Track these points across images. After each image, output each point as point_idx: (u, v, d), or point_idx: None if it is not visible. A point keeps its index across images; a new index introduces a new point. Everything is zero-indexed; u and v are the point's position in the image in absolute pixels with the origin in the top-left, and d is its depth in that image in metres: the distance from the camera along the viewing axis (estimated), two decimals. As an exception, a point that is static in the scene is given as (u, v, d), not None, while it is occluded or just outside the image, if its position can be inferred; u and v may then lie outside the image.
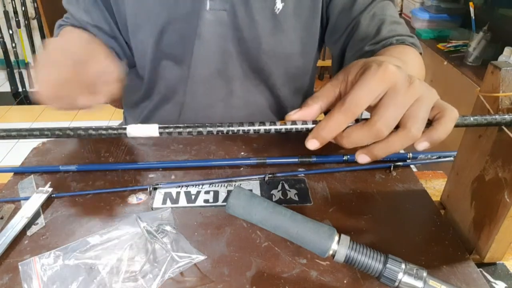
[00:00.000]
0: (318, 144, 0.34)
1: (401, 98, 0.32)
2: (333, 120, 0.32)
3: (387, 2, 0.65)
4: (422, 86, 0.33)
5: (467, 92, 1.52)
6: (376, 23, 0.63)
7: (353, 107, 0.32)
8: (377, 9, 0.64)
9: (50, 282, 0.38)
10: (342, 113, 0.32)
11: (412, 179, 0.55)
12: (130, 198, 0.51)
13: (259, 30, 0.64)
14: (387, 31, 0.61)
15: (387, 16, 0.63)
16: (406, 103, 0.32)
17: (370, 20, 0.63)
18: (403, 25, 0.65)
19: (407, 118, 0.32)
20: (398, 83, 0.32)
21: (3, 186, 0.53)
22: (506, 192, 0.39)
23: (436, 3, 1.92)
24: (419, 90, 0.32)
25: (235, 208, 0.37)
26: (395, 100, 0.32)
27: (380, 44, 0.61)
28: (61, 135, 0.36)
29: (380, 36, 0.61)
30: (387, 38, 0.61)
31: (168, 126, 0.35)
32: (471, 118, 0.36)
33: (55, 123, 2.39)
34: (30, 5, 2.67)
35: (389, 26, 0.62)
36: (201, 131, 0.35)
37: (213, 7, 0.62)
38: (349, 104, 0.32)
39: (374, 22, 0.63)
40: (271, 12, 0.63)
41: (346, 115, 0.32)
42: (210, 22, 0.63)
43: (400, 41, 0.60)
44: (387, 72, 0.32)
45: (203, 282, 0.40)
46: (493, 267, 0.44)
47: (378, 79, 0.32)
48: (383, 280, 0.34)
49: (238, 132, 0.35)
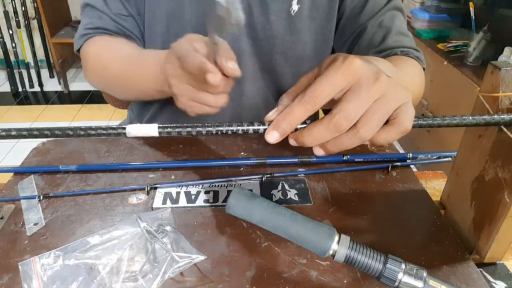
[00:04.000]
0: (278, 136, 0.33)
1: (364, 93, 0.31)
2: (293, 112, 0.32)
3: (397, 12, 0.64)
4: (389, 84, 0.32)
5: (467, 92, 1.52)
6: (383, 31, 0.62)
7: (313, 99, 0.31)
8: (385, 18, 0.63)
9: (50, 282, 0.38)
10: (301, 104, 0.32)
11: (412, 179, 0.55)
12: (130, 198, 0.51)
13: (273, 31, 0.64)
14: (392, 41, 0.61)
15: (395, 26, 0.63)
16: (369, 98, 0.32)
17: (377, 27, 0.63)
18: (410, 38, 0.64)
19: (361, 117, 0.32)
20: (363, 78, 0.32)
21: (3, 186, 0.53)
22: (506, 192, 0.39)
23: (436, 3, 1.92)
24: (385, 87, 0.32)
25: (235, 208, 0.37)
26: (357, 94, 0.31)
27: (384, 53, 0.60)
28: (60, 135, 0.36)
29: (384, 45, 0.61)
30: (392, 48, 0.60)
31: (167, 126, 0.35)
32: (470, 118, 0.36)
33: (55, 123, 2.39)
34: (30, 5, 2.67)
35: (395, 36, 0.62)
36: (200, 130, 0.35)
37: None
38: (309, 96, 0.32)
39: (380, 31, 0.62)
40: (286, 13, 0.63)
41: (306, 107, 0.32)
42: None
43: (404, 52, 0.60)
44: (352, 66, 0.31)
45: (203, 282, 0.40)
46: (493, 267, 0.44)
47: (341, 72, 0.31)
48: (383, 280, 0.34)
49: (238, 132, 0.35)
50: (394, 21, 0.63)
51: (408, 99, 0.33)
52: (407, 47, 0.61)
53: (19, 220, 0.47)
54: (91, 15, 0.65)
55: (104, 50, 0.63)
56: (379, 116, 0.32)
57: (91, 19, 0.64)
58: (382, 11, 0.63)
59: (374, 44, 0.62)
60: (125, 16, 0.64)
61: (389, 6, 0.64)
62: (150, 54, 0.56)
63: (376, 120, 0.32)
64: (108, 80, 0.64)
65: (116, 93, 0.70)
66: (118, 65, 0.60)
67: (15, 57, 2.75)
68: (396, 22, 0.63)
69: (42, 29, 2.71)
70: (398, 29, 0.63)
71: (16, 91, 2.77)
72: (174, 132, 0.35)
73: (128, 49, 0.62)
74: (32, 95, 2.80)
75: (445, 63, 1.68)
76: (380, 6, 0.64)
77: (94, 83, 0.69)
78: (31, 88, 2.84)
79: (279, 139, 0.34)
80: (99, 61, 0.63)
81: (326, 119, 0.32)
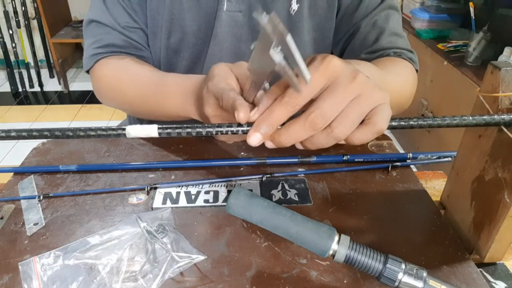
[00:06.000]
0: (261, 139, 0.33)
1: (341, 92, 0.32)
2: (273, 113, 0.32)
3: (392, 11, 0.64)
4: (366, 84, 0.32)
5: (467, 92, 1.52)
6: (376, 31, 0.62)
7: (293, 100, 0.32)
8: (379, 18, 0.63)
9: (50, 282, 0.38)
10: (282, 105, 0.32)
11: (412, 179, 0.55)
12: (130, 198, 0.51)
13: None
14: (386, 41, 0.61)
15: (389, 26, 0.62)
16: (345, 97, 0.32)
17: (370, 27, 0.62)
18: (404, 39, 0.64)
19: (337, 116, 0.32)
20: (340, 77, 0.32)
21: (3, 186, 0.53)
22: (506, 192, 0.39)
23: (436, 3, 1.92)
24: (362, 87, 0.32)
25: (235, 208, 0.37)
26: (334, 93, 0.32)
27: (377, 53, 0.60)
28: (60, 135, 0.36)
29: (377, 45, 0.61)
30: (385, 49, 0.60)
31: (167, 127, 0.35)
32: (470, 118, 0.36)
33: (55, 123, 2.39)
34: (30, 5, 2.67)
35: (389, 37, 0.61)
36: (200, 131, 0.35)
37: (229, 8, 0.62)
38: (289, 97, 0.32)
39: (374, 31, 0.62)
40: (286, 13, 0.63)
41: (286, 108, 0.32)
42: (226, 23, 0.63)
43: (397, 54, 0.59)
44: (330, 65, 0.32)
45: (203, 282, 0.40)
46: (493, 267, 0.44)
47: (320, 72, 0.32)
48: (383, 280, 0.34)
49: (237, 133, 0.35)
50: (388, 21, 0.63)
51: (385, 100, 0.34)
52: (400, 48, 0.61)
53: (19, 220, 0.47)
54: (98, 32, 0.63)
55: (120, 74, 0.61)
56: (354, 116, 0.32)
57: (99, 36, 0.63)
58: (376, 11, 0.63)
59: (367, 44, 0.62)
60: (134, 29, 0.64)
61: (383, 5, 0.63)
62: (173, 84, 0.54)
63: (350, 120, 0.32)
64: (126, 104, 0.63)
65: (134, 114, 0.69)
66: (138, 92, 0.58)
67: (15, 57, 2.75)
68: (391, 23, 0.63)
69: (42, 29, 2.71)
70: (392, 29, 0.62)
71: (16, 91, 2.78)
72: (174, 133, 0.35)
73: (146, 73, 0.60)
74: (32, 95, 2.80)
75: (445, 63, 1.68)
76: (374, 5, 0.63)
77: (109, 105, 0.67)
78: (31, 88, 2.84)
79: (261, 141, 0.34)
80: (115, 85, 0.62)
81: (302, 117, 0.32)
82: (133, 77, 0.60)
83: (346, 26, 0.65)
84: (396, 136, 2.17)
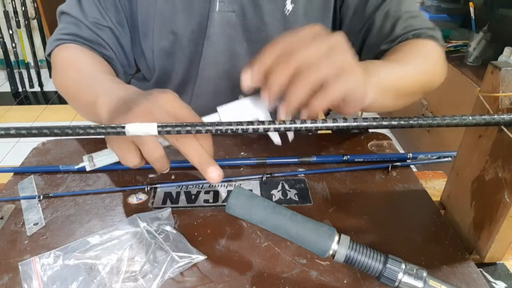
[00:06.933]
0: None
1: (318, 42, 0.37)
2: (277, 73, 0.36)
3: None
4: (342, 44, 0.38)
5: (467, 92, 1.52)
6: (391, 21, 0.60)
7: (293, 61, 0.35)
8: (391, 6, 0.61)
9: (50, 282, 0.38)
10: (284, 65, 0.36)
11: (412, 179, 0.55)
12: (130, 198, 0.51)
13: (268, 32, 0.64)
14: (401, 28, 0.59)
15: (402, 12, 0.60)
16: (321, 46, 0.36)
17: (384, 18, 0.61)
18: (421, 18, 0.61)
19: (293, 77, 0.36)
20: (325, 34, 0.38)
21: (3, 186, 0.53)
22: (506, 192, 0.39)
23: (436, 3, 1.92)
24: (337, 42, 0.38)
25: (235, 208, 0.37)
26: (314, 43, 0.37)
27: (396, 41, 0.59)
28: (59, 133, 0.35)
29: (394, 33, 0.59)
30: (402, 34, 0.58)
31: (167, 125, 0.35)
32: (470, 118, 0.36)
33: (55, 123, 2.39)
34: (30, 5, 2.67)
35: (404, 22, 0.60)
36: (200, 130, 0.35)
37: (222, 8, 0.61)
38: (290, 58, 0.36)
39: (388, 20, 0.60)
40: (281, 14, 0.63)
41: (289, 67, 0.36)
42: (219, 23, 0.62)
43: (416, 35, 0.58)
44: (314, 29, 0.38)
45: (203, 282, 0.40)
46: (493, 267, 0.44)
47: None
48: (383, 280, 0.34)
49: (237, 131, 0.35)
50: (400, 6, 0.61)
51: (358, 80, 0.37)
52: (418, 28, 0.59)
53: (19, 220, 0.47)
54: (67, 21, 0.63)
55: (72, 60, 0.60)
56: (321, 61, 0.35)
57: (67, 25, 0.63)
58: (387, 1, 0.61)
59: (384, 35, 0.60)
60: (102, 26, 0.63)
61: None
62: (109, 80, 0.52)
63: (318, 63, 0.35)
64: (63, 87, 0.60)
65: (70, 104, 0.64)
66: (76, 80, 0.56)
67: (15, 57, 2.75)
68: (403, 7, 0.61)
69: (42, 29, 2.71)
70: (406, 14, 0.60)
71: (16, 91, 2.78)
72: (173, 131, 0.35)
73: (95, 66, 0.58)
74: (32, 95, 2.80)
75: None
76: None
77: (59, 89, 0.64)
78: (31, 88, 2.84)
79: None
80: (63, 69, 0.60)
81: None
82: (81, 65, 0.58)
83: (359, 24, 0.64)
84: (396, 136, 2.17)
